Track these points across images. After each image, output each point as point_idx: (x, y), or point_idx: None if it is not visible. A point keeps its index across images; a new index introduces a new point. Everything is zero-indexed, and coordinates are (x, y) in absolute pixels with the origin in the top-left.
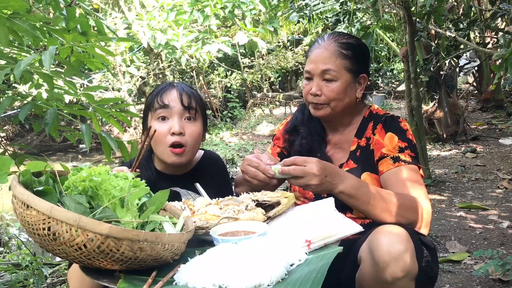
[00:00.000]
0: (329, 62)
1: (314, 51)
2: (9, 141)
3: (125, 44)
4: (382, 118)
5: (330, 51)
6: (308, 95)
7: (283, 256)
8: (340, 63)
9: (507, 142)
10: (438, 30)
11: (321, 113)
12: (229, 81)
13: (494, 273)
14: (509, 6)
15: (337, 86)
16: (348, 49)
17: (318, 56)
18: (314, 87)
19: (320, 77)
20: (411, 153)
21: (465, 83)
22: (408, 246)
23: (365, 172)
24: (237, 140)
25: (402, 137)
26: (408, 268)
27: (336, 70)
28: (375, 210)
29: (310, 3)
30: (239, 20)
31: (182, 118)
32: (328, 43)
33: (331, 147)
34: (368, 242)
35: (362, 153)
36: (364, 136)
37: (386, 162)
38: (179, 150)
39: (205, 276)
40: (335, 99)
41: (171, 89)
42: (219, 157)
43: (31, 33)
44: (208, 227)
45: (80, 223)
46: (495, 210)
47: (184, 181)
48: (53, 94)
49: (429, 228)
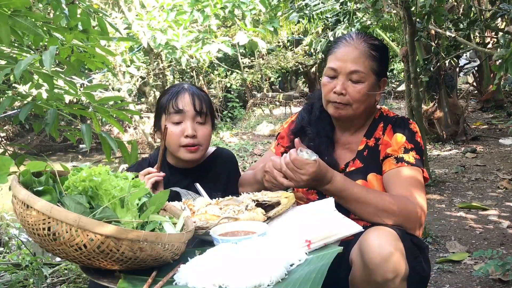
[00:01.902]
0: (358, 63)
1: (342, 48)
2: (9, 141)
3: (125, 44)
4: (393, 120)
5: (360, 51)
6: (330, 93)
7: (283, 256)
8: (369, 64)
9: (507, 142)
10: (438, 30)
11: (343, 113)
12: (229, 81)
13: (494, 273)
14: (509, 6)
15: (363, 88)
16: (377, 51)
17: (348, 54)
18: (339, 86)
19: (346, 76)
20: (416, 155)
21: (465, 83)
22: (398, 247)
23: (371, 173)
24: (237, 140)
25: (409, 138)
26: (398, 269)
27: (364, 72)
28: (363, 213)
29: (310, 3)
30: (239, 20)
31: (194, 121)
32: (358, 42)
33: (339, 147)
34: (358, 244)
35: (370, 153)
36: (373, 137)
37: (389, 161)
38: (194, 148)
39: (205, 276)
40: (359, 101)
41: (184, 93)
42: (231, 154)
43: (33, 31)
44: (208, 227)
45: (80, 223)
46: (495, 210)
47: (194, 174)
48: (53, 94)
49: (428, 229)
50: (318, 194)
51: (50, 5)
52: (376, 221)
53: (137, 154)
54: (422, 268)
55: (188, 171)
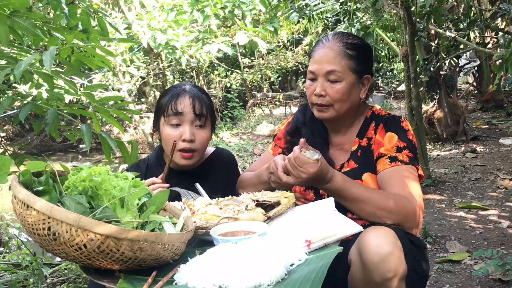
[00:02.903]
0: (334, 63)
1: (318, 51)
2: (9, 141)
3: (125, 44)
4: (384, 118)
5: (335, 51)
6: (312, 96)
7: (283, 256)
8: (345, 63)
9: (507, 142)
10: (438, 30)
11: (325, 116)
12: (229, 81)
13: (494, 273)
14: (509, 6)
15: (342, 87)
16: (353, 50)
17: (323, 56)
18: (318, 88)
19: (324, 77)
20: (409, 153)
21: (465, 83)
22: (396, 246)
23: (366, 173)
24: (237, 140)
25: (402, 137)
26: (396, 268)
27: (341, 71)
28: (362, 212)
29: (310, 3)
30: (239, 20)
31: (193, 125)
32: (333, 43)
33: (333, 148)
34: (357, 244)
35: (363, 153)
36: (366, 136)
37: (383, 161)
38: (189, 155)
39: (205, 276)
40: (340, 100)
41: (184, 95)
42: (231, 154)
43: (32, 31)
44: (208, 227)
45: (80, 223)
46: (495, 210)
47: (192, 176)
48: (53, 94)
49: (428, 229)
50: (315, 194)
51: (50, 5)
52: (375, 220)
53: (137, 154)
54: (421, 267)
55: (187, 172)
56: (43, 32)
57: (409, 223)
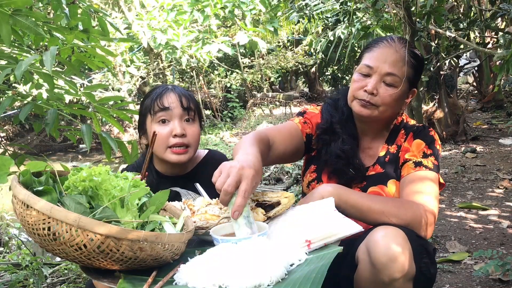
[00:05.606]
0: (396, 66)
1: (381, 49)
2: (9, 141)
3: (125, 44)
4: (414, 128)
5: (400, 55)
6: (360, 91)
7: (283, 256)
8: (406, 71)
9: (507, 142)
10: (438, 30)
11: (367, 113)
12: (229, 81)
13: (494, 273)
14: (509, 6)
15: (396, 93)
16: (415, 60)
17: (387, 55)
18: (371, 85)
19: (380, 77)
20: (434, 161)
21: (465, 83)
22: (405, 247)
23: (391, 180)
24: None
25: (429, 144)
26: (405, 269)
27: (400, 77)
28: (369, 221)
29: (310, 3)
30: (239, 20)
31: (182, 120)
32: (400, 46)
33: (360, 150)
34: (365, 243)
35: (391, 159)
36: (395, 143)
37: (407, 166)
38: (182, 150)
39: (205, 276)
40: (388, 105)
41: (169, 92)
42: (224, 156)
43: (34, 30)
44: (208, 227)
45: (80, 223)
46: (495, 210)
47: (185, 181)
48: (53, 94)
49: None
50: None
51: (51, 5)
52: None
53: (137, 154)
54: (428, 270)
55: (180, 177)
56: (44, 31)
57: (415, 227)
